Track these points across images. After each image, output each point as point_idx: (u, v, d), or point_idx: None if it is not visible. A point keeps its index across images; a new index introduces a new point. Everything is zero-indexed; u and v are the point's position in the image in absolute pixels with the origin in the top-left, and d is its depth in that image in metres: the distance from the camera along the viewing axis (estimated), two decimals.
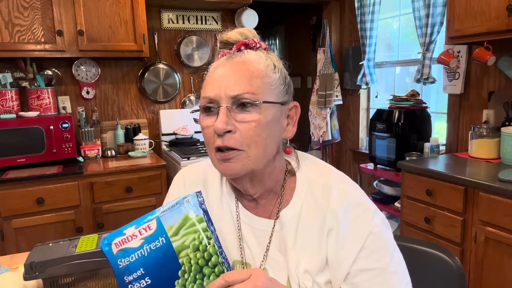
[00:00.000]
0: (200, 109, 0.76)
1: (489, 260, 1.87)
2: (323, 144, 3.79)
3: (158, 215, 0.63)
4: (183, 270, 0.62)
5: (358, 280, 0.73)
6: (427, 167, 2.14)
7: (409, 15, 2.98)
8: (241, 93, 0.71)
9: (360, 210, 0.75)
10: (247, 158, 0.72)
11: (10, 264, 1.20)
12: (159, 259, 0.62)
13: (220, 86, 0.72)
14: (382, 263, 0.73)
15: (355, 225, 0.74)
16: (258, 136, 0.72)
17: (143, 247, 0.62)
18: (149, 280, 0.61)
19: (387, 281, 0.73)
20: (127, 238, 0.63)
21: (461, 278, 0.97)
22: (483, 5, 2.03)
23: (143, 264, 0.62)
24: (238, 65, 0.74)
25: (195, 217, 0.63)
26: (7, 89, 2.47)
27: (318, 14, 3.90)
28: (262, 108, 0.72)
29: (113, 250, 0.62)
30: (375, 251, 0.73)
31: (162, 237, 0.62)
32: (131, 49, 2.64)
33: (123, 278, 0.62)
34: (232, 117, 0.71)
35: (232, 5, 3.08)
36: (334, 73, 3.55)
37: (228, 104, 0.71)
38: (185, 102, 3.20)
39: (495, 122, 2.35)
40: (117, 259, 0.62)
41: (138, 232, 0.63)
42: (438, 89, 2.96)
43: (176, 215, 0.63)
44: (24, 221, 2.24)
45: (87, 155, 2.69)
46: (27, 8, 2.36)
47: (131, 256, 0.62)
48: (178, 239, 0.62)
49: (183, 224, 0.63)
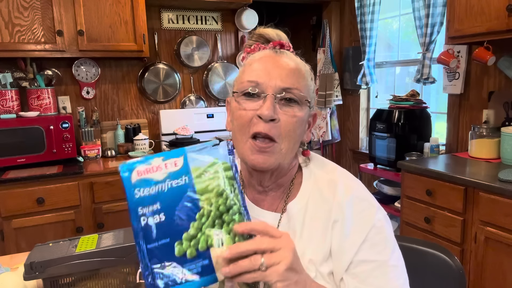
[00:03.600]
0: (238, 92, 0.77)
1: (489, 260, 1.87)
2: (323, 144, 3.79)
3: (186, 153, 0.61)
4: (201, 213, 0.59)
5: (359, 271, 0.74)
6: (427, 167, 2.14)
7: (409, 15, 2.98)
8: (291, 87, 0.74)
9: (364, 205, 0.78)
10: (280, 151, 0.75)
11: (10, 264, 1.20)
12: (179, 198, 0.59)
13: (271, 74, 0.74)
14: (383, 256, 0.75)
15: (359, 218, 0.76)
16: (294, 131, 0.75)
17: (165, 181, 0.59)
18: (163, 217, 0.59)
19: (386, 274, 0.74)
20: (152, 168, 0.59)
21: (461, 278, 0.97)
22: (483, 5, 2.03)
23: (161, 199, 0.59)
24: (288, 61, 0.77)
25: (222, 165, 0.61)
26: (7, 89, 2.47)
27: (318, 14, 3.90)
28: (302, 107, 0.76)
29: (132, 178, 0.59)
30: (377, 244, 0.75)
31: (186, 176, 0.60)
32: (131, 49, 2.64)
33: (137, 208, 0.59)
34: (277, 107, 0.73)
35: (232, 5, 3.08)
36: (334, 73, 3.55)
37: (275, 93, 0.73)
38: (185, 102, 3.20)
39: (495, 122, 2.35)
40: (135, 188, 0.59)
41: (164, 165, 0.60)
42: (438, 89, 2.96)
43: (204, 158, 0.61)
44: (24, 221, 2.24)
45: (87, 155, 2.69)
46: (27, 8, 2.36)
47: (151, 188, 0.59)
48: (202, 181, 0.60)
49: (209, 169, 0.60)
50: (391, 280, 0.74)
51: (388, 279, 0.74)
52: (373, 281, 0.74)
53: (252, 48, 0.82)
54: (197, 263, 0.58)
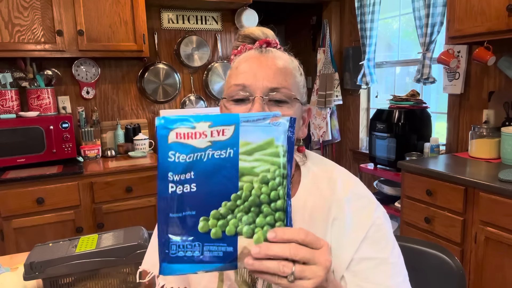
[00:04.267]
0: (226, 98, 0.76)
1: (489, 260, 1.87)
2: (323, 144, 3.79)
3: (239, 123, 0.52)
4: (238, 194, 0.52)
5: (360, 268, 0.74)
6: (427, 167, 2.14)
7: (409, 15, 2.98)
8: (279, 87, 0.73)
9: (364, 202, 0.78)
10: None
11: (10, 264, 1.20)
12: (217, 171, 0.52)
13: (257, 76, 0.73)
14: (383, 253, 0.75)
15: (359, 215, 0.76)
16: None
17: (206, 150, 0.52)
18: (194, 188, 0.52)
19: (387, 271, 0.74)
20: (195, 133, 0.52)
21: (461, 278, 0.97)
22: (483, 5, 2.03)
23: (196, 168, 0.52)
24: (274, 60, 0.76)
25: (281, 147, 0.52)
26: (7, 89, 2.47)
27: (318, 14, 3.90)
28: (292, 105, 0.75)
29: (170, 138, 0.52)
30: (377, 241, 0.75)
31: (231, 149, 0.52)
32: (131, 49, 2.64)
33: (167, 173, 0.52)
34: (266, 109, 0.73)
35: (232, 5, 3.08)
36: (334, 73, 3.55)
37: (263, 95, 0.73)
38: (185, 102, 3.20)
39: (495, 122, 2.35)
40: (170, 150, 0.52)
41: (210, 132, 0.52)
42: (438, 89, 2.96)
43: (260, 133, 0.52)
44: (24, 221, 2.24)
45: (87, 155, 2.69)
46: (27, 8, 2.36)
47: (188, 156, 0.52)
48: (249, 160, 0.52)
49: (263, 148, 0.52)
50: (391, 277, 0.74)
51: (388, 276, 0.74)
52: (374, 278, 0.74)
53: (239, 49, 0.81)
54: (220, 246, 0.52)
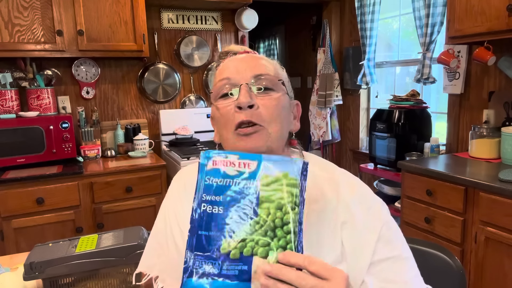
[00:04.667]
0: (214, 95, 0.79)
1: (489, 260, 1.87)
2: (323, 144, 3.79)
3: (262, 160, 0.62)
4: (256, 220, 0.60)
5: (379, 270, 0.74)
6: (427, 167, 2.14)
7: (409, 15, 2.98)
8: (262, 73, 0.76)
9: (370, 201, 0.79)
10: (268, 135, 0.75)
11: (10, 264, 1.20)
12: (241, 198, 0.61)
13: (239, 68, 0.77)
14: (397, 250, 0.75)
15: (369, 216, 0.76)
16: (278, 114, 0.76)
17: (233, 178, 0.61)
18: (221, 210, 0.61)
19: (403, 266, 0.75)
20: (227, 162, 0.62)
21: (461, 278, 0.97)
22: (483, 5, 2.03)
23: (224, 193, 0.61)
24: (253, 57, 0.80)
25: (292, 179, 0.61)
26: (7, 89, 2.47)
27: (318, 14, 3.90)
28: (278, 91, 0.77)
29: (208, 165, 0.63)
30: (390, 240, 0.76)
31: (254, 180, 0.61)
32: (131, 49, 2.64)
33: (202, 193, 0.62)
34: (253, 96, 0.75)
35: (232, 5, 3.08)
36: (334, 73, 3.55)
37: (248, 82, 0.75)
38: (185, 102, 3.20)
39: (495, 122, 2.35)
40: (207, 175, 0.62)
41: (238, 163, 0.62)
42: (438, 89, 2.96)
43: (277, 169, 0.62)
44: (24, 221, 2.24)
45: (87, 155, 2.69)
46: (27, 8, 2.36)
47: (219, 179, 0.62)
48: (267, 190, 0.61)
49: (278, 180, 0.61)
50: (408, 272, 0.75)
51: (405, 272, 0.75)
52: (394, 277, 0.74)
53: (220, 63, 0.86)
54: (237, 266, 0.59)
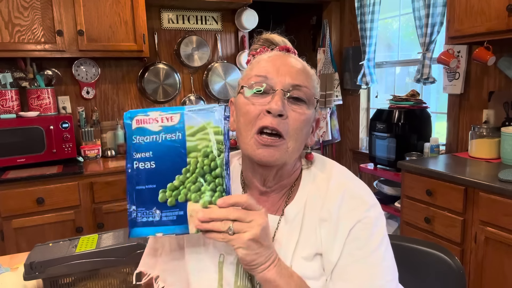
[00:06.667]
0: (247, 86, 0.75)
1: (489, 260, 1.87)
2: (323, 144, 3.79)
3: (184, 111, 0.66)
4: (187, 168, 0.66)
5: (339, 264, 0.73)
6: (427, 167, 2.14)
7: (409, 15, 2.98)
8: (301, 85, 0.74)
9: (356, 203, 0.75)
10: (286, 149, 0.74)
11: (10, 264, 1.20)
12: (170, 151, 0.66)
13: (280, 70, 0.74)
14: (362, 252, 0.72)
15: (347, 217, 0.74)
16: (301, 130, 0.75)
17: (159, 134, 0.66)
18: (153, 165, 0.66)
19: (364, 270, 0.72)
20: (149, 119, 0.67)
21: (461, 278, 0.97)
22: (483, 5, 2.03)
23: (153, 148, 0.66)
24: (297, 62, 0.78)
25: (214, 128, 0.66)
26: (7, 89, 2.47)
27: (318, 14, 3.90)
28: (309, 106, 0.76)
29: (133, 125, 0.67)
30: (357, 238, 0.73)
31: (180, 132, 0.66)
32: (131, 49, 2.64)
33: (132, 152, 0.67)
34: (286, 104, 0.73)
35: (232, 5, 3.08)
36: (334, 73, 3.55)
37: (285, 89, 0.73)
38: (185, 102, 3.20)
39: (495, 122, 2.35)
40: (133, 135, 0.67)
41: (161, 118, 0.66)
42: (438, 89, 2.96)
43: (199, 119, 0.66)
44: (24, 221, 2.24)
45: (87, 155, 2.69)
46: (27, 8, 2.36)
47: (146, 137, 0.66)
48: (193, 140, 0.66)
49: (202, 129, 0.66)
50: (368, 280, 0.72)
51: (364, 276, 0.72)
52: (348, 276, 0.72)
53: (258, 51, 0.82)
54: (173, 212, 0.66)
